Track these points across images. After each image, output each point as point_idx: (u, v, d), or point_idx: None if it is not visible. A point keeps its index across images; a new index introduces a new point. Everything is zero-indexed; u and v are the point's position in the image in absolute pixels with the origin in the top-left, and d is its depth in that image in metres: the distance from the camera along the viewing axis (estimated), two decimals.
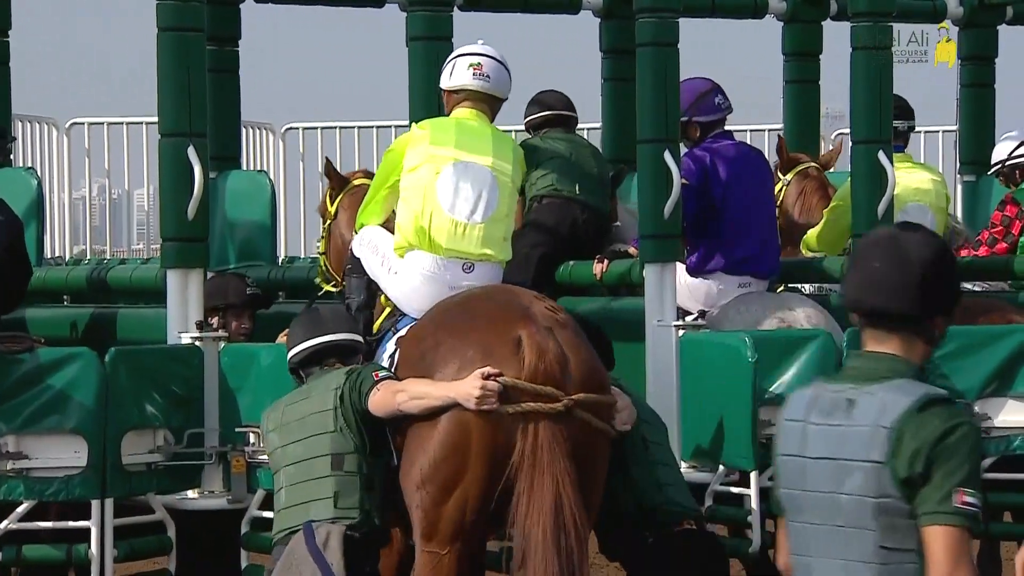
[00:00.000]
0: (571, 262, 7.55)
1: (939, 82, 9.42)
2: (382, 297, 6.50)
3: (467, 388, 5.72)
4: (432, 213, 6.24)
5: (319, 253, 7.40)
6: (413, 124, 6.66)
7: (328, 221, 7.17)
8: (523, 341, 5.79)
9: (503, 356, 5.78)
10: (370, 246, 6.47)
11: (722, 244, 7.48)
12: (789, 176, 8.34)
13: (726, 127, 7.68)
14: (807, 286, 8.26)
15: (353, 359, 6.09)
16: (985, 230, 8.16)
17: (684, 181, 7.16)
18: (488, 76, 6.46)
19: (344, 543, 5.79)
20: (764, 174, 7.77)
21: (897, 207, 7.68)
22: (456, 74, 6.48)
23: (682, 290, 7.36)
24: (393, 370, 6.08)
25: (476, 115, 6.47)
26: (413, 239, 6.26)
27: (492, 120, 6.59)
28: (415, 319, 6.27)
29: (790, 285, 8.05)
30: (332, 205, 7.15)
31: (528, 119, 7.87)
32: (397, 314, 6.40)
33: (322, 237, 7.32)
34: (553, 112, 7.85)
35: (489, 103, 6.53)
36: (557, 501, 5.65)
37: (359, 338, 6.18)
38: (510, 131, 8.09)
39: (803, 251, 8.11)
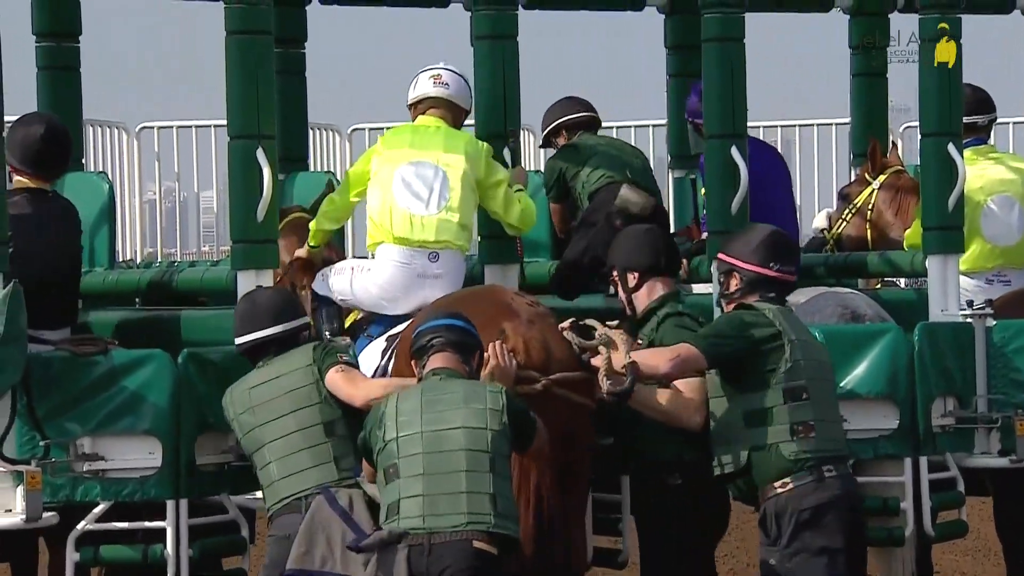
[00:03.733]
0: None
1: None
2: (350, 316, 7.03)
3: None
4: (391, 209, 6.82)
5: None
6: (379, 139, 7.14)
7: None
8: (507, 332, 6.29)
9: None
10: (333, 273, 6.91)
11: None
12: (881, 179, 8.30)
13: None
14: (902, 280, 8.23)
15: (294, 345, 6.34)
16: None
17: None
18: (447, 84, 7.01)
19: (367, 505, 6.05)
20: (785, 172, 7.82)
21: (983, 199, 7.64)
22: (418, 86, 7.05)
23: None
24: (390, 366, 6.47)
25: (434, 119, 7.00)
26: (381, 235, 6.84)
27: (454, 127, 7.05)
28: (388, 318, 6.77)
29: (844, 281, 8.02)
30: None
31: (569, 117, 7.79)
32: (369, 318, 6.91)
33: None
34: (587, 114, 7.82)
35: (450, 110, 7.02)
36: (539, 479, 6.20)
37: (297, 324, 6.39)
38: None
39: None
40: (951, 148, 7.31)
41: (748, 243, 6.51)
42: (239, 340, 6.38)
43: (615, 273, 6.65)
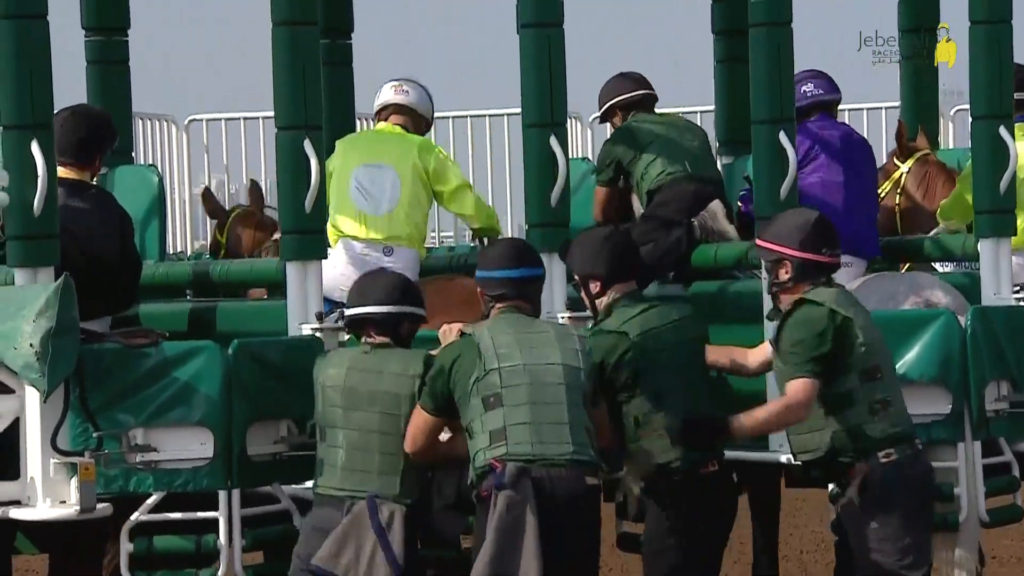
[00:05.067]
0: (716, 245, 7.63)
1: None
2: None
3: None
4: (347, 209, 7.28)
5: None
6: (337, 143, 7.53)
7: (223, 250, 7.96)
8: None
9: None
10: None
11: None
12: (909, 163, 8.28)
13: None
14: (947, 265, 8.19)
15: (397, 328, 6.30)
16: None
17: None
18: (407, 92, 7.48)
19: (405, 525, 6.11)
20: (863, 158, 7.77)
21: (1021, 179, 7.60)
22: (381, 94, 7.52)
23: None
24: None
25: (390, 126, 7.47)
26: (339, 230, 7.26)
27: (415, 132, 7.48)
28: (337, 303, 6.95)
29: (920, 264, 8.00)
30: (223, 236, 7.93)
31: (622, 97, 7.84)
32: None
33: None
34: (643, 91, 7.88)
35: (410, 116, 7.49)
36: None
37: (398, 310, 6.31)
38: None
39: (940, 222, 8.03)
40: (1003, 130, 7.28)
41: (795, 229, 6.47)
42: (349, 311, 6.39)
43: (577, 278, 6.60)
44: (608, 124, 8.07)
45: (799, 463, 6.48)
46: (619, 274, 6.49)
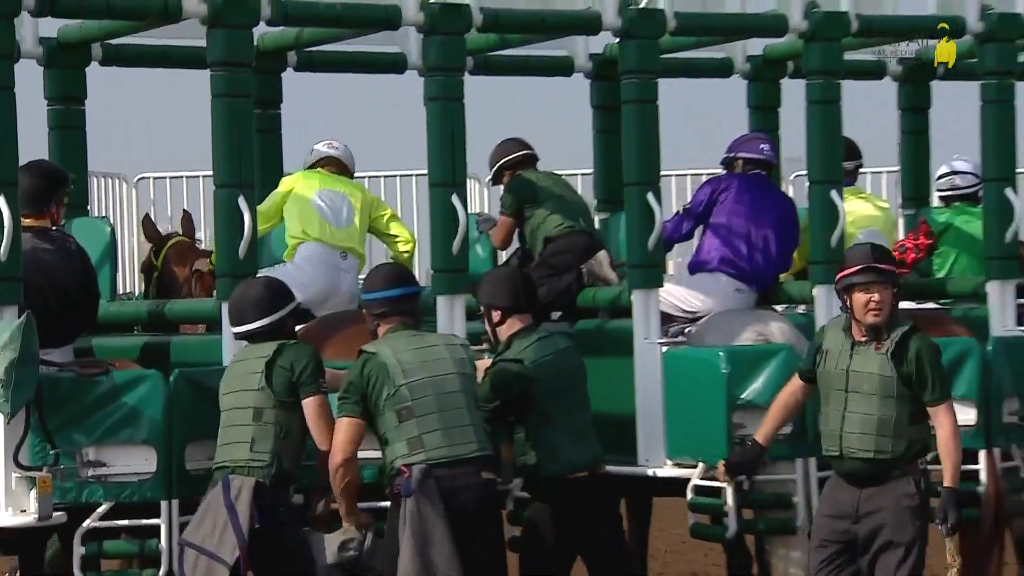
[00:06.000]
0: (593, 289, 7.69)
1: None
2: None
3: None
4: (312, 219, 7.54)
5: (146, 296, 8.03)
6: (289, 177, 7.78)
7: (156, 272, 7.95)
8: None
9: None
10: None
11: (724, 251, 7.62)
12: None
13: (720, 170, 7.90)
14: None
15: (271, 337, 6.27)
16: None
17: (686, 205, 7.77)
18: (338, 147, 7.82)
19: (254, 493, 6.06)
20: (779, 207, 7.76)
21: (854, 232, 7.70)
22: (315, 152, 7.83)
23: (682, 293, 7.57)
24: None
25: (330, 172, 7.75)
26: (304, 236, 7.52)
27: None
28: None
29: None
30: (158, 259, 7.93)
31: (508, 158, 7.99)
32: None
33: (152, 283, 7.98)
34: (526, 152, 8.05)
35: (341, 168, 7.78)
36: None
37: (268, 320, 6.28)
38: None
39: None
40: (834, 194, 7.38)
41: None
42: (235, 330, 6.36)
43: (482, 309, 6.63)
44: (500, 183, 8.13)
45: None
46: (518, 307, 6.54)
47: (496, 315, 6.54)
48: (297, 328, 6.70)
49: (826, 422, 6.31)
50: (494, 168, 8.07)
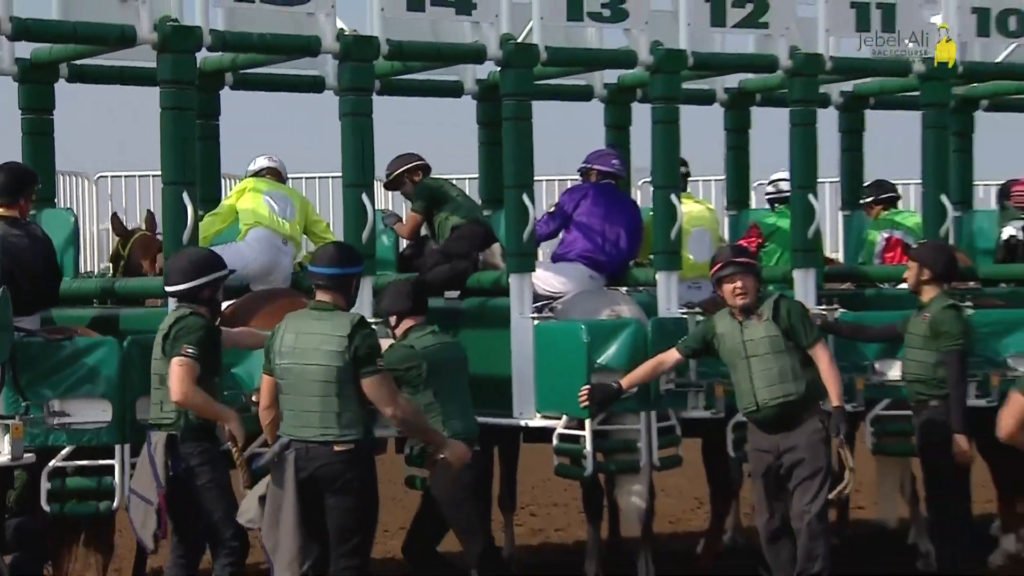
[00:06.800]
0: (480, 273, 7.69)
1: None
2: None
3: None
4: (263, 209, 7.52)
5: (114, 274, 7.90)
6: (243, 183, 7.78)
7: (123, 260, 7.87)
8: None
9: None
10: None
11: (580, 246, 7.69)
12: None
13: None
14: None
15: (189, 301, 6.09)
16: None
17: (552, 209, 7.78)
18: (276, 160, 7.92)
19: (167, 445, 5.94)
20: (627, 210, 7.86)
21: (688, 228, 7.81)
22: (258, 162, 7.90)
23: (548, 277, 7.60)
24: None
25: (271, 180, 7.81)
26: (254, 223, 7.48)
27: None
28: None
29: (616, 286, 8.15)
30: (124, 250, 7.88)
31: (408, 166, 7.95)
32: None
33: (119, 270, 7.81)
34: (421, 162, 8.02)
35: (278, 178, 7.87)
36: None
37: (185, 286, 6.12)
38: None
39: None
40: (672, 197, 7.47)
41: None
42: (168, 289, 6.17)
43: (384, 313, 6.61)
44: (398, 188, 8.09)
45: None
46: (412, 312, 6.54)
47: (393, 319, 6.54)
48: (233, 300, 6.66)
49: (739, 386, 6.63)
50: (395, 173, 8.01)
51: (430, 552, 6.60)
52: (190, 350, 5.93)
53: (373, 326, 6.10)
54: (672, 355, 6.81)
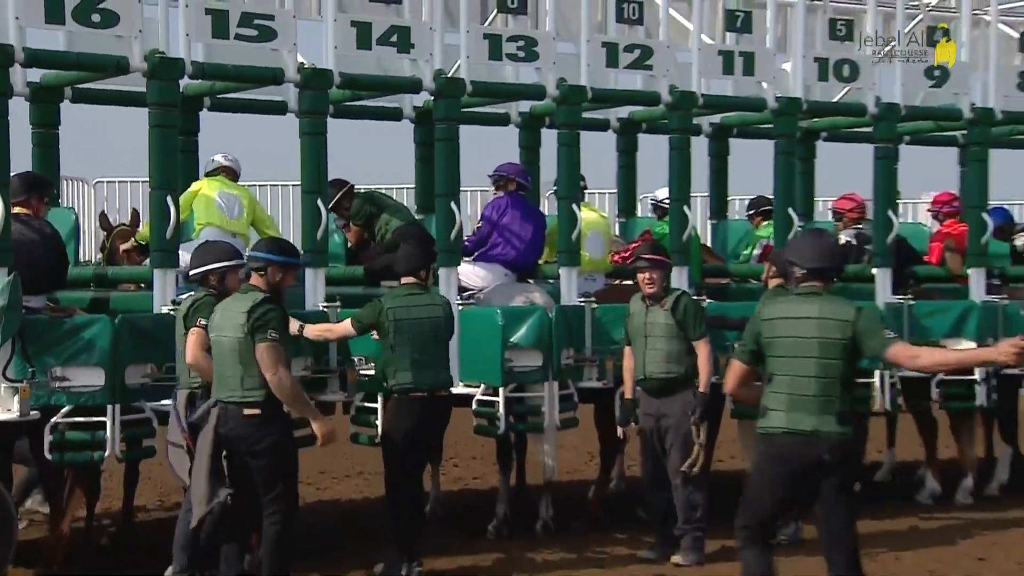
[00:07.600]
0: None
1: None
2: None
3: None
4: (214, 211, 7.41)
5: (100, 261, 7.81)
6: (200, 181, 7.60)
7: (106, 249, 7.85)
8: None
9: None
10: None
11: (501, 249, 7.73)
12: None
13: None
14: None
15: (200, 285, 6.14)
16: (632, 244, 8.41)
17: (479, 223, 7.68)
18: (233, 160, 7.72)
19: (187, 402, 5.99)
20: (537, 217, 7.90)
21: (585, 232, 7.88)
22: (214, 161, 7.72)
23: (472, 274, 7.63)
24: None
25: (226, 177, 7.62)
26: (207, 222, 7.38)
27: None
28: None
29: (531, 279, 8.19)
30: (107, 240, 7.86)
31: (341, 192, 7.88)
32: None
33: (105, 257, 7.69)
34: (350, 184, 7.99)
35: (231, 174, 7.67)
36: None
37: (195, 271, 6.14)
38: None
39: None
40: (574, 206, 7.55)
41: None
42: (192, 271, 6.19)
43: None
44: (338, 211, 7.95)
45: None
46: (405, 273, 6.57)
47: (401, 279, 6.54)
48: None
49: (635, 358, 6.83)
50: (335, 198, 7.83)
51: (413, 503, 6.44)
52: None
53: (272, 304, 5.85)
54: (627, 350, 6.90)
